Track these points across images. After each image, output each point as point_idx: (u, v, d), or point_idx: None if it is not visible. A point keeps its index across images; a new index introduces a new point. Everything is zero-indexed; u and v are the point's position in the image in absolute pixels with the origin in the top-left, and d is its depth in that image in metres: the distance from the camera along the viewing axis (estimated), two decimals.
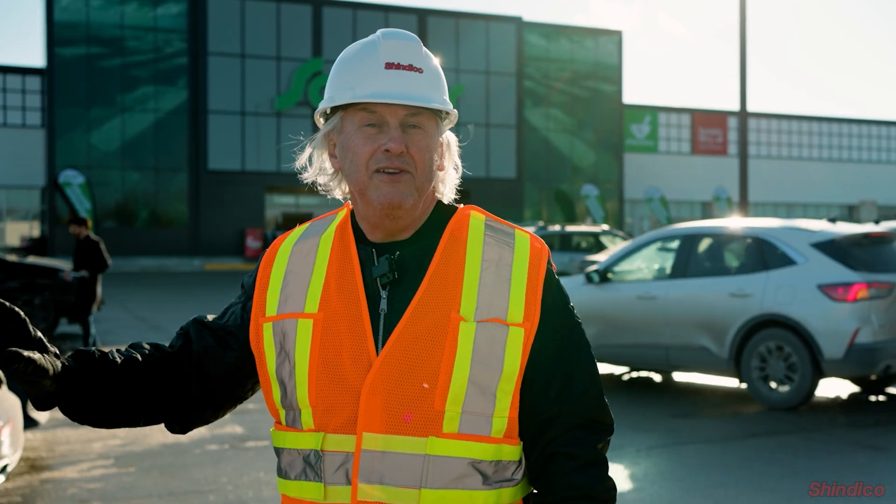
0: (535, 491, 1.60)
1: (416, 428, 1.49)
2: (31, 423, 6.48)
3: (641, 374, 10.09)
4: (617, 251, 9.93)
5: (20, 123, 39.23)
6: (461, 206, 1.68)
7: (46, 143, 37.50)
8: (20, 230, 40.25)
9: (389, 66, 1.56)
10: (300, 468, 1.55)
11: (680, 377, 9.84)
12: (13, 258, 14.20)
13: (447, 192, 1.68)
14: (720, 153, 51.41)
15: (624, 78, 47.51)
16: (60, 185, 33.34)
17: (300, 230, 1.71)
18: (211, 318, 1.72)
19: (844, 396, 8.89)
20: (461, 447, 1.49)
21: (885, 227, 12.62)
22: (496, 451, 1.52)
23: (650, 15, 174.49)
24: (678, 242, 9.29)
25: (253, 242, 37.19)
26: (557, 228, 20.17)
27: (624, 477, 6.00)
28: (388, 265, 1.55)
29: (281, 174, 38.09)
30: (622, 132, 47.41)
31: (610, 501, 1.57)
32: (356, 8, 40.50)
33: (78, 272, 11.26)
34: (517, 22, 43.63)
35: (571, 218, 43.22)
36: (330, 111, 1.62)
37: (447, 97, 1.64)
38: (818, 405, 8.49)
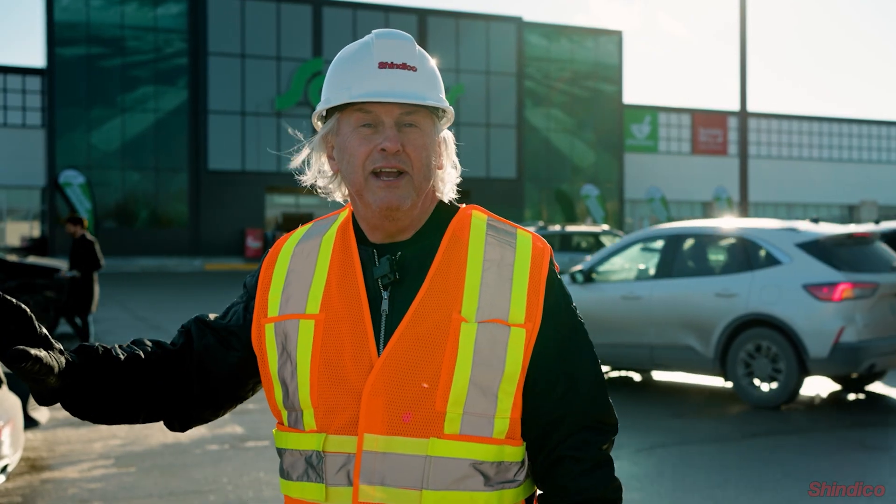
0: (540, 492, 1.60)
1: (417, 429, 1.48)
2: (31, 423, 6.48)
3: (621, 373, 10.08)
4: (601, 251, 9.97)
5: (20, 123, 39.25)
6: (463, 205, 1.67)
7: (47, 143, 37.52)
8: (20, 230, 40.26)
9: (383, 65, 1.56)
10: (302, 469, 1.55)
11: (680, 377, 9.84)
12: (13, 258, 14.20)
13: (447, 191, 1.66)
14: (720, 153, 51.41)
15: (624, 78, 47.49)
16: (61, 185, 33.34)
17: (302, 231, 1.71)
18: (213, 316, 1.71)
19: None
20: (463, 448, 1.49)
21: (883, 226, 12.65)
22: (498, 452, 1.51)
23: (650, 15, 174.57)
24: (662, 243, 9.34)
25: (253, 242, 37.19)
26: (558, 228, 20.17)
27: (624, 477, 6.00)
28: (389, 266, 1.55)
29: (281, 174, 38.09)
30: (622, 132, 47.42)
31: (618, 502, 1.57)
32: (356, 8, 40.51)
33: (71, 272, 11.29)
34: (517, 22, 43.63)
35: (572, 218, 43.25)
36: (326, 113, 1.62)
37: (443, 95, 1.64)
38: (818, 405, 8.49)
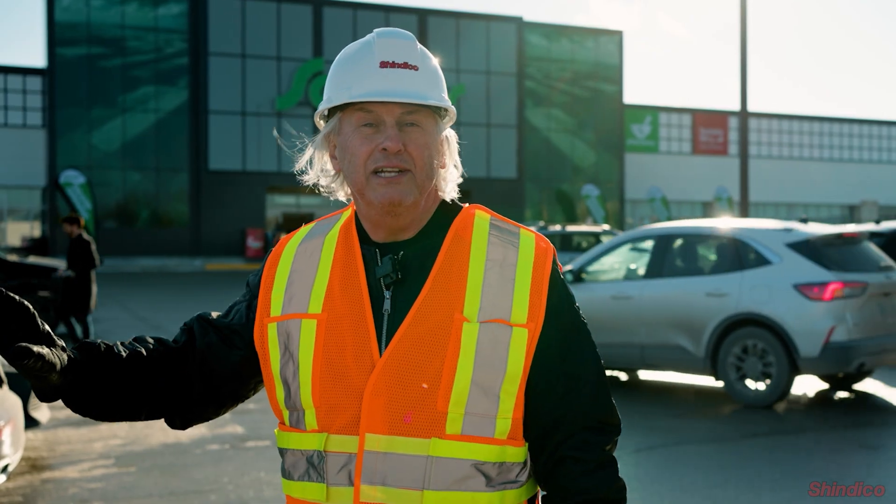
0: (543, 493, 1.59)
1: (418, 429, 1.47)
2: (32, 422, 6.48)
3: (612, 373, 10.05)
4: (591, 251, 9.98)
5: (21, 123, 39.27)
6: (466, 205, 1.66)
7: (47, 143, 37.54)
8: (21, 230, 40.29)
9: (384, 64, 1.55)
10: (303, 469, 1.54)
11: (679, 378, 9.84)
12: (14, 258, 14.21)
13: (449, 190, 1.66)
14: (721, 153, 51.40)
15: (624, 78, 47.49)
16: (61, 185, 33.33)
17: (305, 230, 1.70)
18: (215, 315, 1.71)
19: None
20: (464, 449, 1.48)
21: (884, 226, 12.64)
22: (500, 452, 1.50)
23: (650, 15, 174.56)
24: (652, 243, 9.36)
25: (254, 242, 37.21)
26: (558, 228, 20.19)
27: (623, 477, 5.99)
28: (391, 265, 1.54)
29: (282, 174, 38.12)
30: (623, 132, 47.42)
31: (621, 502, 1.58)
32: (356, 8, 40.52)
33: (67, 271, 11.32)
34: (518, 22, 43.63)
35: (572, 218, 43.26)
36: (328, 113, 1.62)
37: (445, 95, 1.62)
38: (818, 405, 8.49)
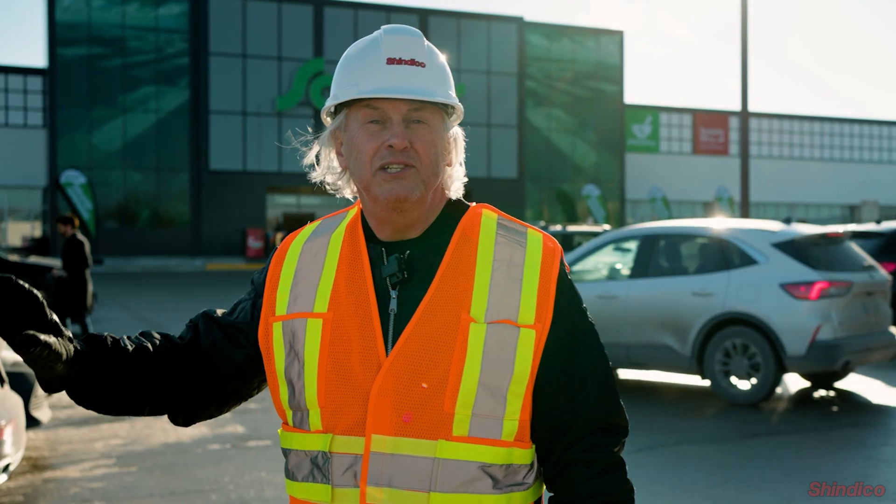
0: (550, 495, 1.58)
1: (425, 430, 1.46)
2: (33, 422, 6.49)
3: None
4: (576, 251, 9.99)
5: (22, 124, 39.29)
6: (473, 204, 1.64)
7: (48, 143, 37.56)
8: (22, 230, 40.32)
9: (391, 61, 1.54)
10: (307, 469, 1.53)
11: (681, 378, 9.84)
12: (15, 258, 14.23)
13: (456, 188, 1.64)
14: (721, 153, 51.40)
15: (625, 78, 47.50)
16: (62, 185, 33.39)
17: (311, 228, 1.69)
18: (221, 312, 1.69)
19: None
20: (471, 450, 1.47)
21: (884, 226, 12.63)
22: (507, 454, 1.49)
23: (651, 15, 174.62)
24: (638, 243, 9.39)
25: (254, 242, 37.24)
26: (559, 228, 20.17)
27: None
28: (397, 264, 1.53)
29: (282, 174, 38.11)
30: (623, 132, 47.42)
31: None
32: (357, 8, 40.54)
33: (60, 271, 11.35)
34: (518, 22, 43.64)
35: (573, 218, 43.28)
36: (335, 109, 1.61)
37: (453, 92, 1.61)
38: (818, 405, 8.50)
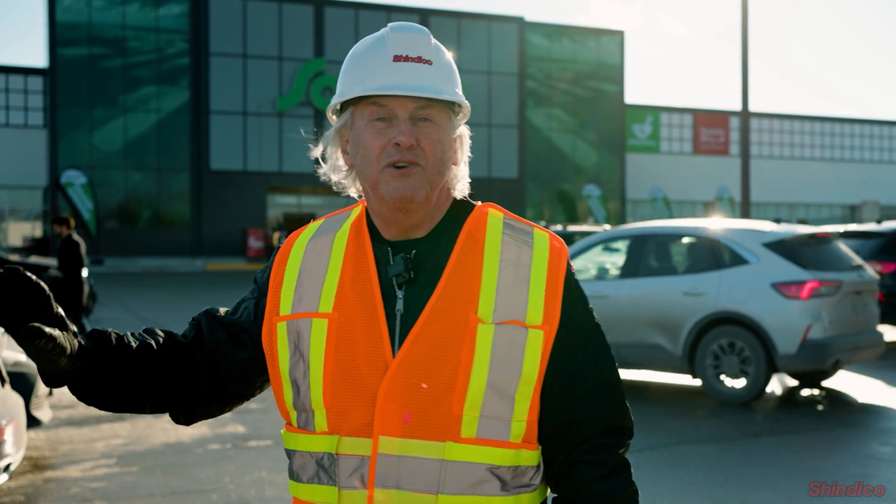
0: (554, 496, 1.57)
1: (433, 432, 1.45)
2: (34, 422, 6.50)
3: None
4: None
5: (22, 124, 39.31)
6: (478, 203, 1.63)
7: (49, 143, 37.58)
8: (23, 230, 40.32)
9: (398, 58, 1.52)
10: (313, 471, 1.52)
11: (682, 379, 9.84)
12: (16, 258, 14.25)
13: (461, 188, 1.62)
14: (722, 153, 51.40)
15: (626, 78, 47.51)
16: (63, 185, 33.38)
17: (314, 227, 1.67)
18: (224, 311, 1.68)
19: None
20: (479, 452, 1.46)
21: (885, 226, 12.63)
22: (515, 456, 1.48)
23: (651, 15, 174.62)
24: (628, 243, 9.41)
25: (255, 242, 37.25)
26: (559, 228, 20.18)
27: None
28: (403, 264, 1.52)
29: (283, 174, 38.12)
30: (624, 132, 47.42)
31: None
32: (358, 8, 40.55)
33: (56, 271, 11.39)
34: (519, 22, 43.65)
35: (573, 218, 43.28)
36: (341, 107, 1.60)
37: (460, 90, 1.59)
38: (818, 406, 8.50)
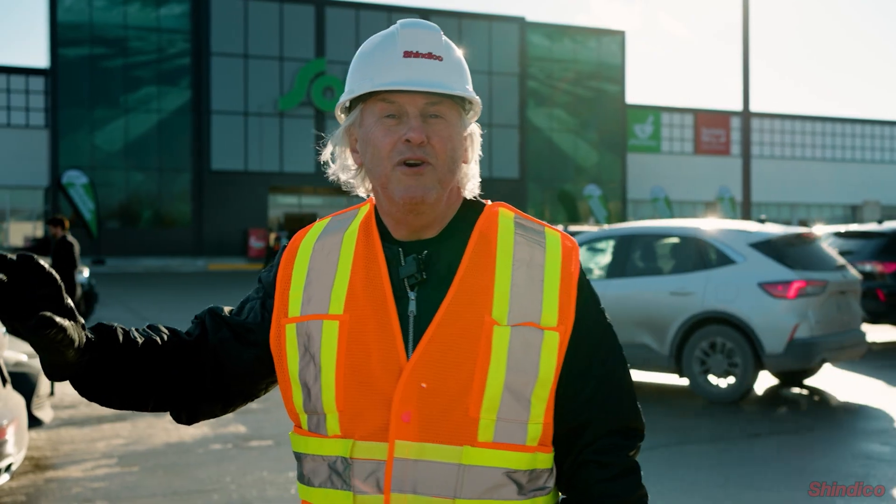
0: (563, 497, 1.55)
1: (450, 436, 1.43)
2: (35, 422, 6.51)
3: None
4: None
5: (24, 124, 39.34)
6: (488, 202, 1.61)
7: (50, 143, 37.61)
8: (24, 230, 40.35)
9: (408, 54, 1.50)
10: (325, 475, 1.49)
11: (682, 379, 9.84)
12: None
13: (471, 187, 1.60)
14: (723, 153, 51.39)
15: (626, 78, 47.51)
16: (64, 185, 33.40)
17: (320, 226, 1.63)
18: (228, 310, 1.65)
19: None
20: (497, 456, 1.44)
21: (886, 226, 12.62)
22: (531, 459, 1.47)
23: (651, 15, 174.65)
24: (614, 243, 9.44)
25: (256, 242, 37.26)
26: (560, 228, 20.21)
27: None
28: (416, 265, 1.49)
29: (284, 174, 38.12)
30: (625, 132, 47.42)
31: None
32: (359, 8, 40.56)
33: None
34: (520, 22, 43.65)
35: (574, 218, 43.26)
36: (350, 105, 1.57)
37: (470, 87, 1.57)
38: (818, 406, 8.51)
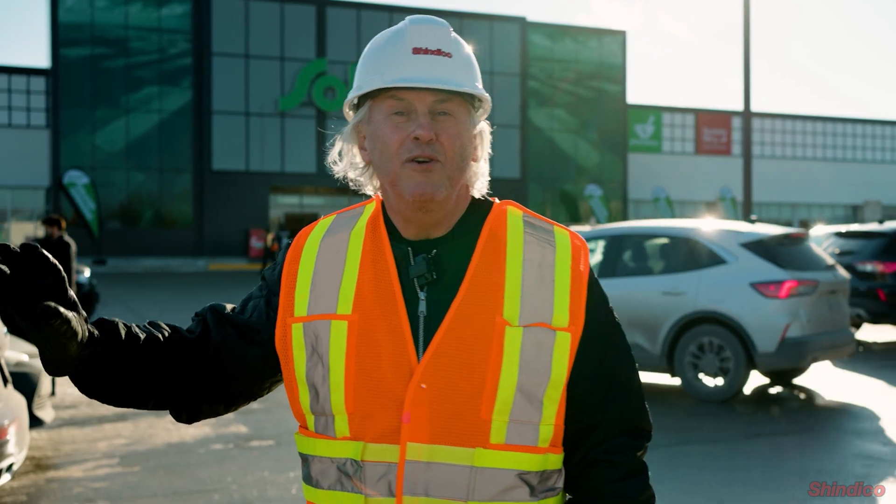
0: (569, 497, 1.54)
1: (462, 438, 1.41)
2: (36, 422, 6.52)
3: None
4: None
5: (25, 124, 39.35)
6: (496, 200, 1.59)
7: (51, 143, 37.62)
8: (25, 230, 40.34)
9: (417, 51, 1.49)
10: (334, 478, 1.47)
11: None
12: None
13: (480, 185, 1.58)
14: (724, 153, 51.37)
15: (627, 78, 47.50)
16: (65, 185, 33.42)
17: (326, 224, 1.61)
18: (230, 308, 1.62)
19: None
20: (509, 458, 1.43)
21: (887, 226, 12.62)
22: (542, 461, 1.46)
23: (651, 15, 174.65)
24: (604, 243, 9.44)
25: (257, 242, 37.27)
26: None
27: None
28: (426, 265, 1.47)
29: (285, 174, 38.12)
30: (626, 132, 47.41)
31: None
32: (360, 8, 40.56)
33: None
34: (521, 22, 43.65)
35: (575, 218, 43.28)
36: (358, 102, 1.55)
37: (480, 84, 1.55)
38: (819, 406, 8.51)
